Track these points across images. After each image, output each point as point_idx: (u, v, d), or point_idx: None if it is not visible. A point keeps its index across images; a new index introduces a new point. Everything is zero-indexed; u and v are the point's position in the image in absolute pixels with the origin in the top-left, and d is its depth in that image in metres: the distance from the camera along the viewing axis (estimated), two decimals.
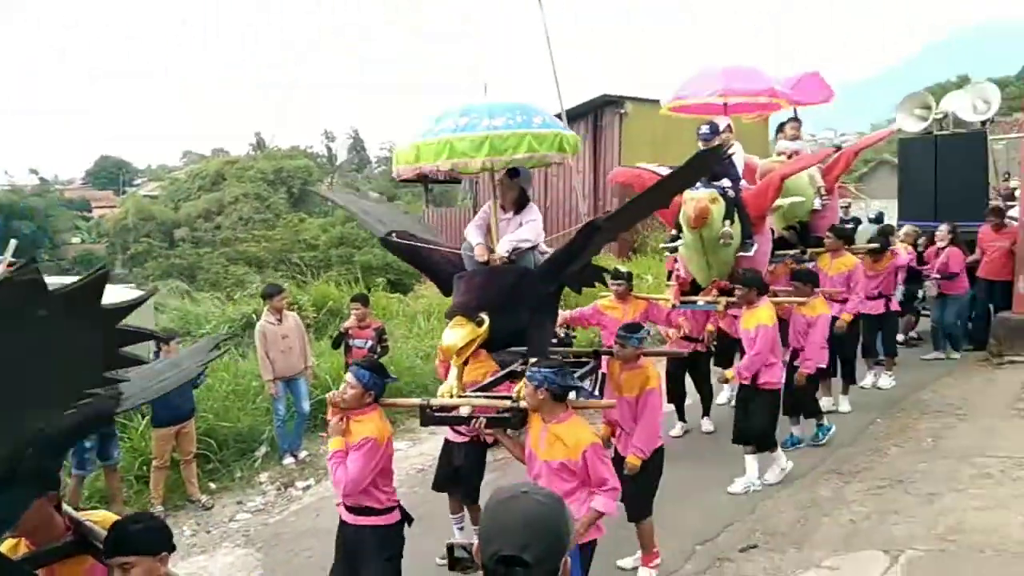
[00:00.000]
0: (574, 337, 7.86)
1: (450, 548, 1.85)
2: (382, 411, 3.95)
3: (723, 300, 6.36)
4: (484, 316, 3.96)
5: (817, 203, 8.12)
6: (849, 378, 7.92)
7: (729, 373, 6.10)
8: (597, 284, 5.42)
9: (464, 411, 4.02)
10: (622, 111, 18.43)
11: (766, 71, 7.66)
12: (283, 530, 6.15)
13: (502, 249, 4.32)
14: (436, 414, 4.11)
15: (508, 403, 3.90)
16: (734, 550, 5.08)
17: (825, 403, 7.74)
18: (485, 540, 1.56)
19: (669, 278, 8.49)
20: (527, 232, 4.40)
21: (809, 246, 8.11)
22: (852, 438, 6.98)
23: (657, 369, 4.68)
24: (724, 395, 8.03)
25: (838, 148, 8.37)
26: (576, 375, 4.39)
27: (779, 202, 7.34)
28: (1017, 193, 12.28)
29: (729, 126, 7.21)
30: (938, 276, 9.09)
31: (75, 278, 1.71)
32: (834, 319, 7.56)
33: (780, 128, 8.65)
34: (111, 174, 59.09)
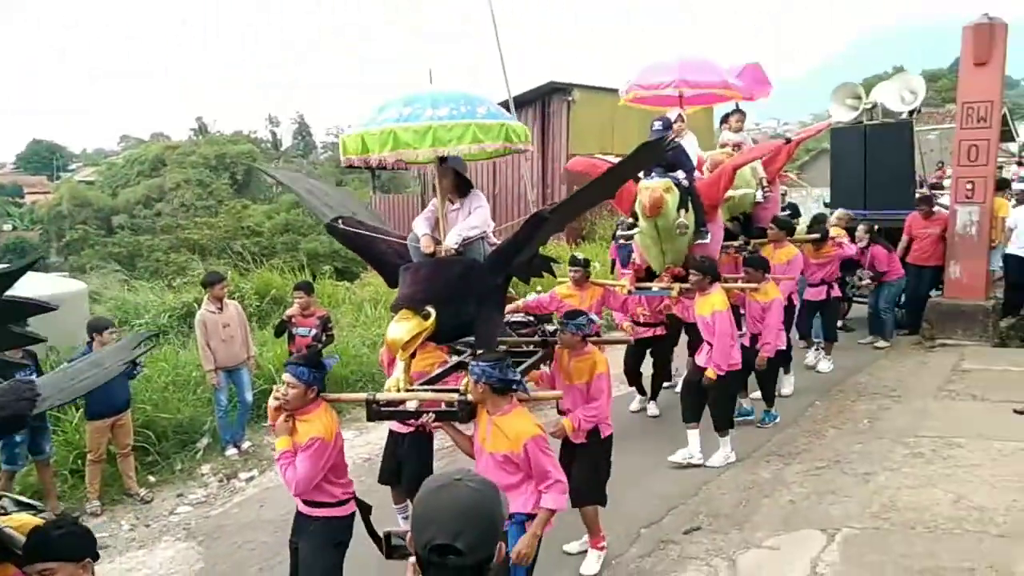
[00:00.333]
0: (533, 323, 7.86)
1: (387, 536, 1.83)
2: (327, 404, 3.88)
3: (677, 286, 6.49)
4: (430, 309, 3.89)
5: (759, 195, 8.22)
6: (830, 340, 8.45)
7: (711, 373, 6.02)
8: (545, 275, 5.43)
9: (411, 405, 3.93)
10: (570, 98, 18.47)
11: (718, 63, 7.75)
12: (226, 522, 6.03)
13: (451, 241, 4.24)
14: (383, 408, 4.02)
15: (455, 396, 3.84)
16: (678, 532, 5.16)
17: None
18: (418, 529, 1.54)
19: (612, 268, 8.63)
20: (475, 220, 4.34)
21: (752, 237, 8.22)
22: (792, 420, 7.16)
23: (604, 355, 4.67)
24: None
25: (788, 140, 8.43)
26: (525, 364, 4.41)
27: (731, 193, 7.47)
28: (947, 182, 12.70)
29: (681, 116, 7.33)
30: (870, 274, 9.40)
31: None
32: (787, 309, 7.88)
33: (724, 120, 8.78)
34: (44, 159, 56.98)
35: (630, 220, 6.90)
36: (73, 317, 8.41)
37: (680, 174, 6.43)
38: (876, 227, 9.54)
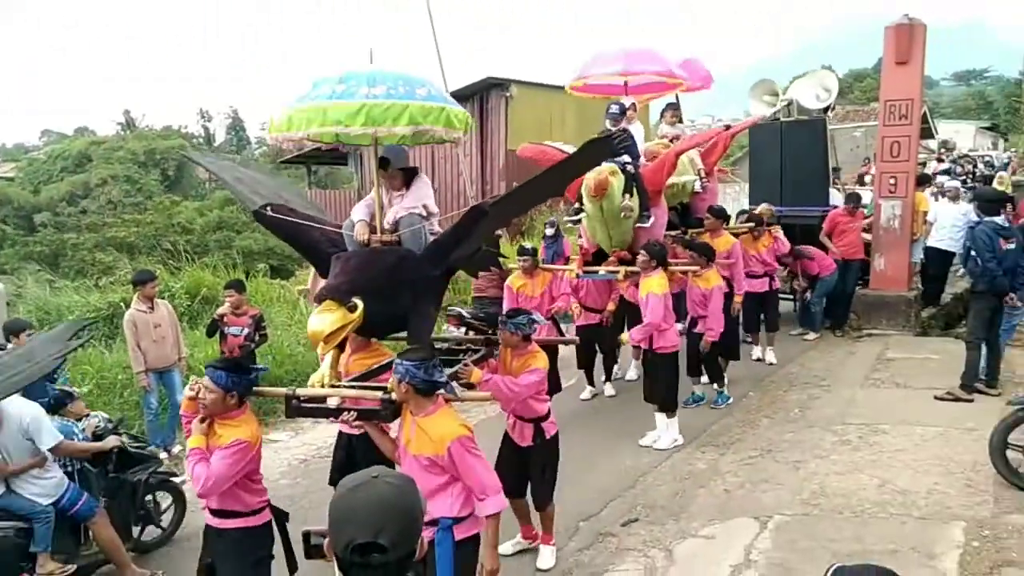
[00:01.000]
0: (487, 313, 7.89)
1: (306, 536, 1.77)
2: (252, 413, 3.69)
3: (623, 269, 6.71)
4: (357, 301, 3.69)
5: (698, 185, 8.43)
6: (734, 355, 8.21)
7: (624, 337, 6.50)
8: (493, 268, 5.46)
9: (332, 402, 3.76)
10: (508, 94, 18.47)
11: (662, 53, 7.98)
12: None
13: (389, 218, 4.13)
14: (304, 405, 3.83)
15: (380, 395, 3.64)
16: (616, 524, 5.21)
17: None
18: (337, 530, 1.51)
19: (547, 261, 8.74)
20: (409, 200, 4.21)
21: (690, 227, 8.43)
22: (726, 411, 7.31)
23: (544, 354, 4.52)
24: (633, 372, 8.41)
25: (728, 127, 8.75)
26: (468, 361, 4.28)
27: (673, 180, 7.61)
28: (868, 179, 13.14)
29: (634, 105, 7.63)
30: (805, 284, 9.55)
31: None
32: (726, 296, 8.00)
33: (663, 114, 8.95)
34: None
35: (576, 205, 7.15)
36: None
37: (626, 159, 6.69)
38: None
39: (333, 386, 3.92)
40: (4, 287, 9.81)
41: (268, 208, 4.29)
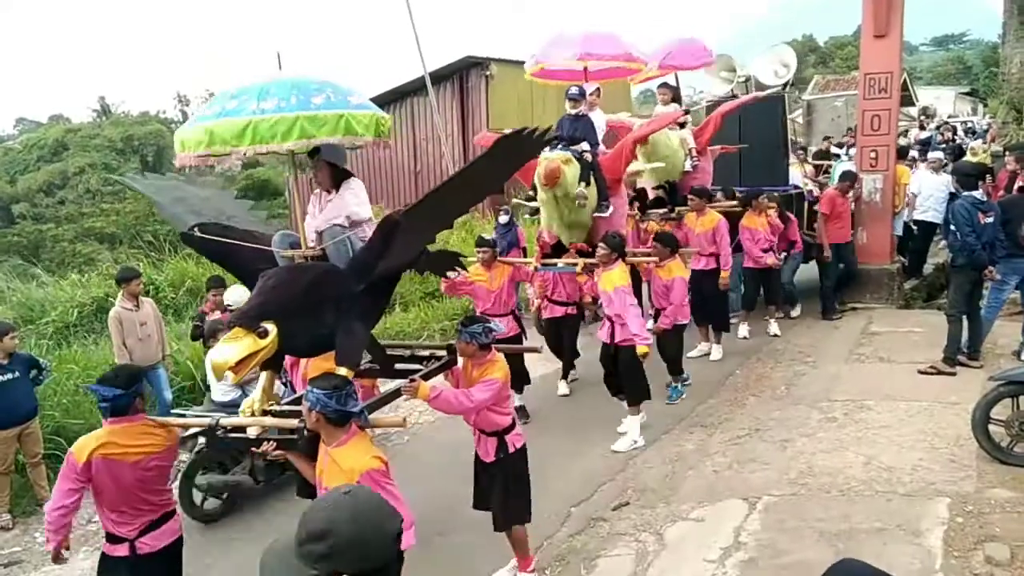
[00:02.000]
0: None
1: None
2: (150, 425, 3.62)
3: (582, 261, 6.54)
4: (268, 326, 3.42)
5: (688, 164, 8.48)
6: (721, 328, 8.44)
7: (643, 349, 6.00)
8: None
9: (252, 432, 3.60)
10: (488, 73, 18.32)
11: (623, 36, 7.81)
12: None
13: (309, 230, 3.97)
14: (229, 435, 3.69)
15: (295, 423, 3.51)
16: (607, 509, 5.27)
17: (703, 347, 8.42)
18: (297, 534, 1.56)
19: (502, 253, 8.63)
20: (333, 210, 4.01)
21: (678, 205, 8.48)
22: (713, 390, 7.37)
23: (504, 363, 4.35)
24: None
25: (687, 111, 8.52)
26: (422, 372, 4.18)
27: (640, 166, 7.58)
28: (841, 151, 13.12)
29: (598, 90, 7.47)
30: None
31: None
32: (708, 273, 8.09)
33: (658, 92, 8.96)
34: None
35: (530, 192, 6.98)
36: None
37: (584, 146, 6.51)
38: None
39: (267, 411, 3.79)
40: None
41: (195, 229, 4.11)
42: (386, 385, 4.44)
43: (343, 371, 3.58)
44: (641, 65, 7.90)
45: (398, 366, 4.47)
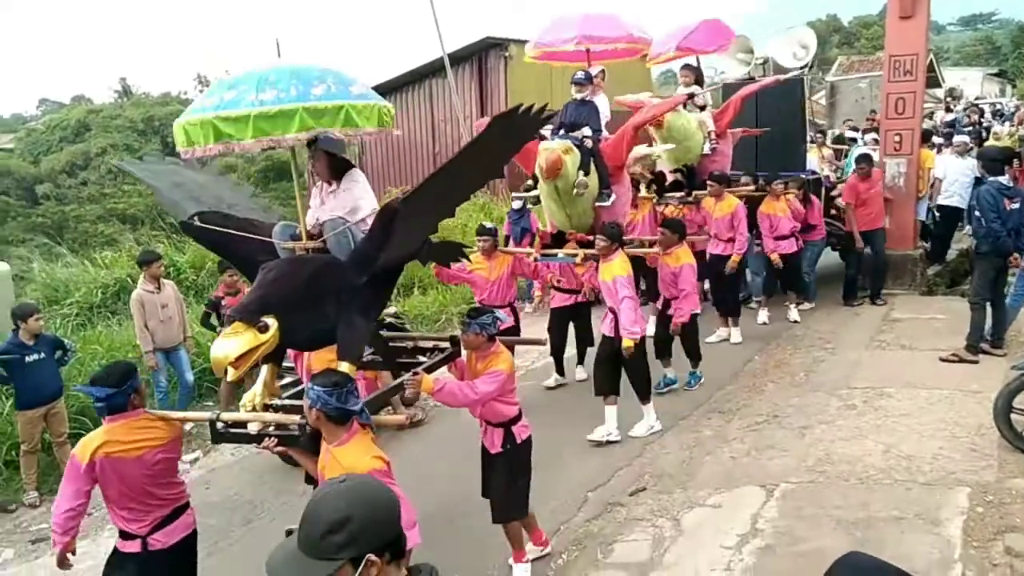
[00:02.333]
0: (403, 323, 7.70)
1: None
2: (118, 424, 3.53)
3: (582, 252, 6.37)
4: (269, 320, 3.38)
5: (706, 147, 8.39)
6: (736, 312, 8.41)
7: (628, 342, 5.86)
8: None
9: (252, 428, 3.55)
10: (506, 54, 18.19)
11: (623, 16, 7.72)
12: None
13: (309, 221, 3.92)
14: (230, 430, 3.65)
15: (298, 418, 3.45)
16: (624, 494, 5.28)
17: (722, 333, 8.37)
18: (307, 521, 1.59)
19: (507, 242, 8.57)
20: (336, 202, 3.97)
21: (696, 189, 8.42)
22: (732, 376, 7.34)
23: (509, 354, 4.31)
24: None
25: (691, 96, 8.24)
26: (425, 365, 4.14)
27: (647, 150, 7.45)
28: (864, 137, 12.88)
29: (603, 72, 7.32)
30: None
31: None
32: (725, 258, 8.06)
33: (680, 74, 8.85)
34: None
35: (529, 182, 6.89)
36: None
37: (586, 131, 6.36)
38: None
39: (268, 406, 3.73)
40: (8, 267, 9.84)
41: (195, 218, 4.04)
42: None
43: (345, 366, 3.55)
44: (644, 46, 7.79)
45: (401, 359, 4.44)
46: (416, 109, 19.78)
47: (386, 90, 20.97)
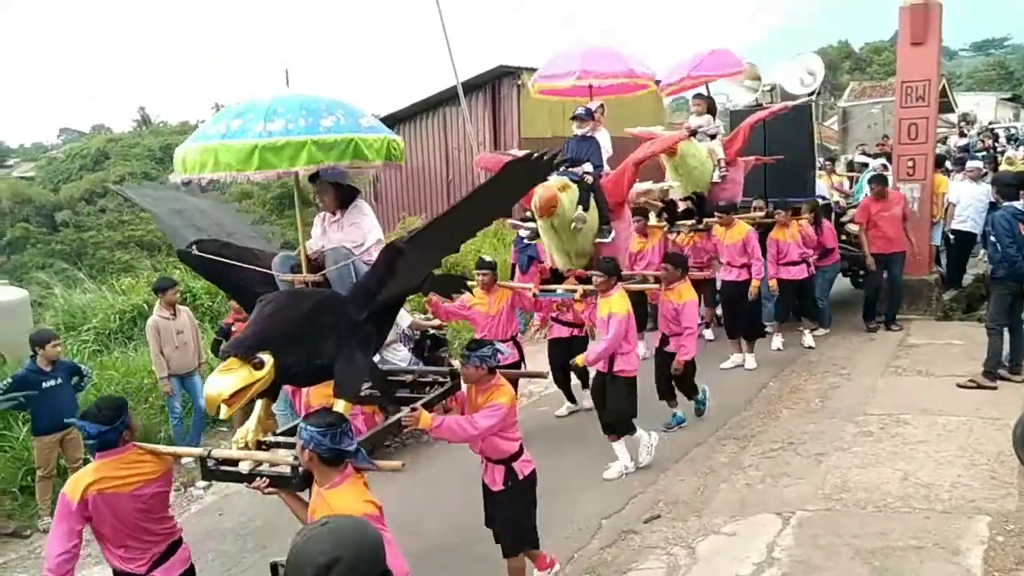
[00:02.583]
0: (444, 336, 7.71)
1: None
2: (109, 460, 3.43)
3: (581, 288, 6.22)
4: (265, 357, 3.26)
5: (716, 175, 8.42)
6: (755, 336, 8.34)
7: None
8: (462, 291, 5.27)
9: (244, 467, 3.42)
10: (519, 82, 18.36)
11: (625, 51, 7.69)
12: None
13: (312, 248, 3.89)
14: (221, 467, 3.51)
15: (291, 458, 3.32)
16: (638, 522, 5.24)
17: (736, 359, 8.33)
18: (294, 563, 1.60)
19: (513, 273, 8.52)
20: (341, 233, 3.93)
21: (707, 216, 8.42)
22: (747, 402, 7.30)
23: (510, 387, 4.20)
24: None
25: (693, 132, 8.16)
26: (424, 400, 4.04)
27: (649, 186, 7.53)
28: (872, 162, 12.88)
29: (602, 107, 7.25)
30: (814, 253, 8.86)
31: None
32: (738, 284, 8.04)
33: (692, 104, 8.97)
34: None
35: (527, 213, 6.72)
36: (15, 326, 8.18)
37: (587, 167, 6.26)
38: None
39: (261, 443, 3.62)
40: (27, 293, 9.97)
41: (194, 247, 3.96)
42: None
43: (341, 404, 3.47)
44: (647, 81, 7.72)
45: (399, 393, 4.35)
46: (430, 137, 19.96)
47: (400, 118, 21.24)
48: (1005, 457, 5.29)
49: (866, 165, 13.35)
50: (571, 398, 7.51)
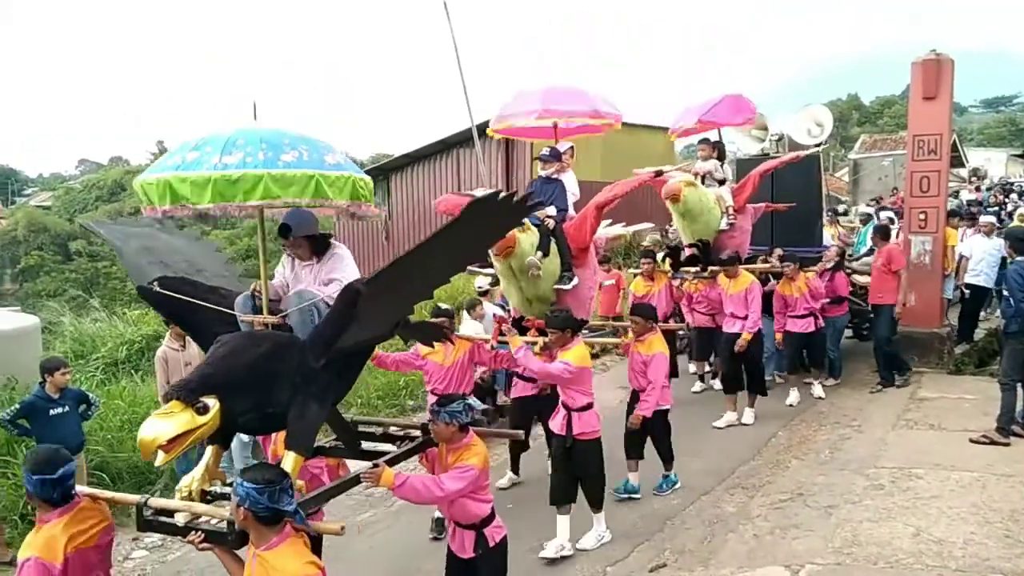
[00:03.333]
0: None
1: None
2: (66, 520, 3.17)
3: (541, 340, 5.77)
4: (210, 401, 3.08)
5: (724, 223, 8.29)
6: (757, 391, 8.17)
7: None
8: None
9: (180, 518, 3.19)
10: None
11: (590, 90, 7.11)
12: (183, 568, 5.87)
13: (275, 287, 3.73)
14: (158, 518, 3.28)
15: (227, 513, 3.09)
16: (644, 570, 5.15)
17: (730, 417, 8.09)
18: None
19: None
20: (323, 274, 3.75)
21: (712, 264, 8.30)
22: (755, 451, 7.21)
23: (483, 447, 3.91)
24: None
25: (659, 173, 7.30)
26: (388, 456, 3.81)
27: (620, 230, 7.41)
28: (880, 213, 12.92)
29: (571, 149, 6.68)
30: (827, 300, 8.85)
31: None
32: (735, 336, 7.93)
33: (699, 148, 8.91)
34: None
35: (488, 259, 6.15)
36: (26, 353, 8.21)
37: (549, 210, 5.89)
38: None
39: (206, 492, 3.39)
40: (38, 320, 10.03)
41: (155, 283, 3.77)
42: (355, 465, 4.03)
43: (291, 458, 3.27)
44: (610, 121, 7.03)
45: (367, 446, 4.12)
46: (444, 177, 20.18)
47: (416, 158, 21.50)
48: (1019, 515, 5.20)
49: (869, 216, 13.38)
50: (515, 469, 6.83)
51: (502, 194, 3.04)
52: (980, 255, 10.45)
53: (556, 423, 5.52)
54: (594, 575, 5.13)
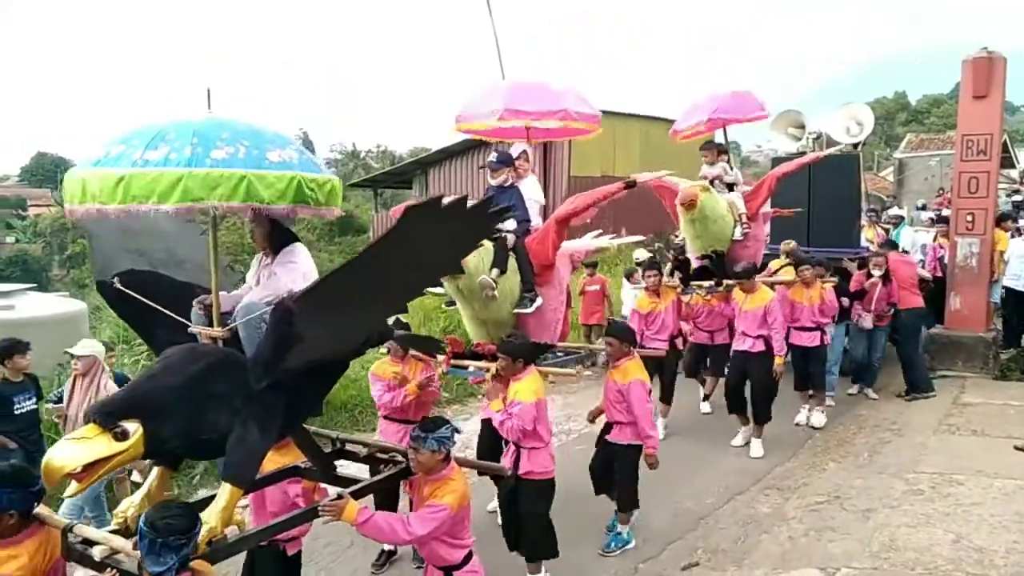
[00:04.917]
0: None
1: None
2: (38, 539, 2.97)
3: (494, 366, 4.95)
4: (130, 426, 2.71)
5: (737, 232, 7.47)
6: (763, 420, 7.27)
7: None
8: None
9: (97, 552, 2.83)
10: None
11: (560, 86, 6.14)
12: None
13: (241, 292, 3.40)
14: (79, 546, 2.92)
15: (139, 556, 2.74)
16: (676, 569, 5.13)
17: (746, 432, 7.37)
18: None
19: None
20: (266, 286, 3.38)
21: (726, 277, 7.52)
22: (792, 453, 7.13)
23: (461, 483, 3.48)
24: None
25: (632, 184, 5.61)
26: (355, 488, 3.46)
27: (601, 243, 6.66)
28: (920, 213, 12.62)
29: (525, 153, 5.84)
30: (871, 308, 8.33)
31: None
32: (752, 356, 7.14)
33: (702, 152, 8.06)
34: (48, 172, 57.20)
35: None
36: (74, 338, 8.41)
37: (509, 225, 4.99)
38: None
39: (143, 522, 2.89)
40: (85, 306, 10.29)
41: (115, 279, 3.44)
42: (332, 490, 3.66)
43: (226, 491, 2.93)
44: (585, 123, 6.14)
45: (342, 471, 3.79)
46: (471, 178, 20.20)
47: (452, 153, 21.58)
48: None
49: (901, 218, 12.95)
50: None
51: (445, 200, 2.72)
52: (1018, 258, 10.11)
53: (506, 460, 4.82)
54: (626, 572, 5.12)
